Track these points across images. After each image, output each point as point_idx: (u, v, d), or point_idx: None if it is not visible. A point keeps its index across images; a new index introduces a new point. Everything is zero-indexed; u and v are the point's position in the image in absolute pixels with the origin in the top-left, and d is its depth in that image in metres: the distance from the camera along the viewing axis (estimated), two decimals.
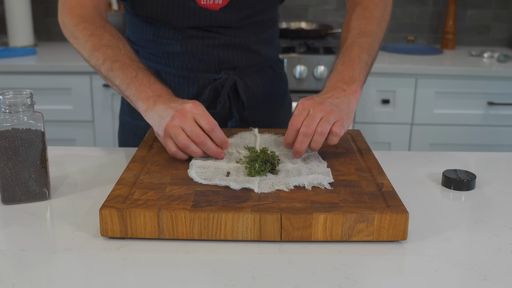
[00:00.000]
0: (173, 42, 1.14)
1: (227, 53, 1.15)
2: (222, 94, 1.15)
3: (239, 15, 1.13)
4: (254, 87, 1.21)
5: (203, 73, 1.16)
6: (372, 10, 1.10)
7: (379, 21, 1.09)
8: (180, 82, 1.17)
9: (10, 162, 0.81)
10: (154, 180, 0.82)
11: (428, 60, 2.36)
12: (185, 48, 1.13)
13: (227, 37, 1.14)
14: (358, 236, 0.73)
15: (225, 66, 1.16)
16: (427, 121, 2.28)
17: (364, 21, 1.07)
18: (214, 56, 1.14)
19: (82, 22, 1.05)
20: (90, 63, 1.05)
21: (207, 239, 0.73)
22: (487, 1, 2.71)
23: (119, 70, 0.98)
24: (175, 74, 1.17)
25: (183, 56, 1.14)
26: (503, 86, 2.25)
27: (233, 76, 1.16)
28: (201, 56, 1.14)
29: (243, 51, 1.17)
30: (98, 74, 1.05)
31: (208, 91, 1.15)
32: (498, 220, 0.81)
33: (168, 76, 1.17)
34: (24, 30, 2.44)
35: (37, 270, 0.66)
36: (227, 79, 1.15)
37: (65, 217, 0.80)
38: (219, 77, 1.16)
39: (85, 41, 1.03)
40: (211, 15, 1.11)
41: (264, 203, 0.75)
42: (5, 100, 0.80)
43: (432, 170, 1.01)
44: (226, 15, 1.11)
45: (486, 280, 0.65)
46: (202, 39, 1.13)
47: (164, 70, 1.17)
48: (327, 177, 0.82)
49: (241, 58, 1.17)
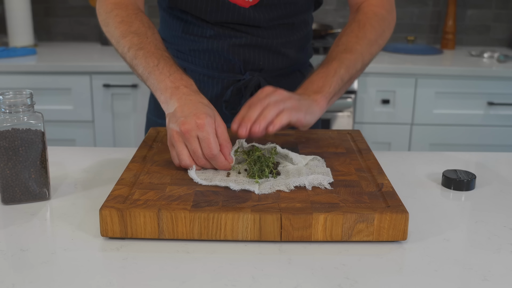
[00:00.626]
0: (200, 39, 1.13)
1: (253, 53, 1.14)
2: (245, 95, 1.13)
3: (268, 15, 1.11)
4: None
5: (227, 73, 1.15)
6: (366, 30, 1.07)
7: (370, 43, 1.07)
8: (204, 81, 1.16)
9: (10, 162, 0.81)
10: (154, 180, 0.82)
11: (428, 60, 2.36)
12: (211, 46, 1.13)
13: (254, 37, 1.12)
14: (358, 236, 0.73)
15: (250, 67, 1.15)
16: (427, 121, 2.29)
17: (354, 39, 1.05)
18: (240, 56, 1.13)
19: (114, 8, 1.04)
20: (118, 51, 1.03)
21: (207, 239, 0.73)
22: (487, 1, 2.71)
23: (142, 58, 0.96)
24: (200, 72, 1.16)
25: (209, 54, 1.14)
26: (503, 86, 2.25)
27: (257, 77, 1.14)
28: (226, 55, 1.13)
29: (270, 53, 1.15)
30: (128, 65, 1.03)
31: (230, 91, 1.14)
32: (498, 220, 0.82)
33: (193, 74, 1.16)
34: (24, 30, 2.44)
35: (37, 270, 0.66)
36: (251, 80, 1.14)
37: (65, 217, 0.80)
38: (243, 78, 1.15)
39: (115, 28, 1.02)
40: (239, 12, 1.09)
41: (264, 203, 0.75)
42: (5, 100, 0.80)
43: (432, 170, 1.01)
44: (255, 13, 1.10)
45: (486, 280, 0.65)
46: (229, 38, 1.12)
47: (189, 68, 1.17)
48: (327, 177, 0.82)
49: (267, 60, 1.15)
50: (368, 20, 1.09)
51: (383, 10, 1.12)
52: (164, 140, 1.01)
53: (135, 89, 2.21)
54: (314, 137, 1.04)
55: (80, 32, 2.70)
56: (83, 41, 2.72)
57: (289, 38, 1.16)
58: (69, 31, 2.71)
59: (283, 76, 1.19)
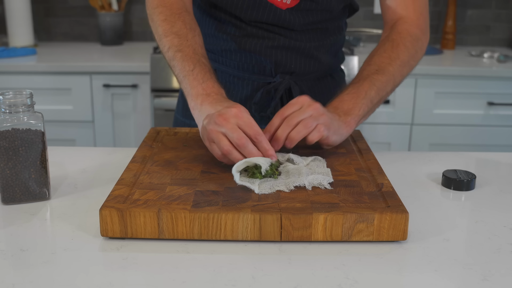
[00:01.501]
0: (233, 38, 1.12)
1: (285, 56, 1.12)
2: (274, 98, 1.12)
3: (303, 19, 1.10)
4: (311, 95, 1.17)
5: (258, 75, 1.14)
6: (400, 51, 1.06)
7: (402, 64, 1.06)
8: (234, 82, 1.16)
9: (10, 162, 0.81)
10: (154, 180, 0.82)
11: (428, 60, 2.36)
12: (243, 47, 1.12)
13: (287, 40, 1.11)
14: (358, 236, 0.73)
15: (281, 70, 1.13)
16: (427, 121, 2.29)
17: (387, 60, 1.05)
18: (271, 57, 1.12)
19: (160, 5, 1.05)
20: (159, 47, 1.04)
21: (207, 239, 0.73)
22: (487, 1, 2.71)
23: (180, 61, 0.97)
24: (230, 73, 1.16)
25: (240, 55, 1.13)
26: (503, 86, 2.25)
27: (288, 80, 1.13)
28: (257, 57, 1.12)
29: (302, 56, 1.14)
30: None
31: (260, 94, 1.13)
32: (498, 220, 0.82)
33: (224, 75, 1.16)
34: (24, 30, 2.44)
35: (37, 270, 0.66)
36: (281, 83, 1.13)
37: (65, 217, 0.80)
38: (274, 80, 1.14)
39: (158, 25, 1.03)
40: (275, 13, 1.08)
41: (264, 203, 0.75)
42: (5, 100, 0.80)
43: (432, 170, 1.01)
44: (290, 16, 1.09)
45: (486, 280, 0.65)
46: (261, 39, 1.11)
47: (220, 69, 1.16)
48: (327, 177, 0.82)
49: (299, 63, 1.14)
50: (402, 40, 1.08)
51: (418, 30, 1.11)
52: (164, 140, 1.01)
53: (135, 89, 2.21)
54: None
55: (80, 32, 2.70)
56: (83, 41, 2.72)
57: (322, 42, 1.15)
58: (69, 31, 2.71)
59: (314, 80, 1.18)
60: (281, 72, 1.14)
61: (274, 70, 1.13)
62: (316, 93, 1.18)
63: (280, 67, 1.13)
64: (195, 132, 1.06)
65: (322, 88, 1.19)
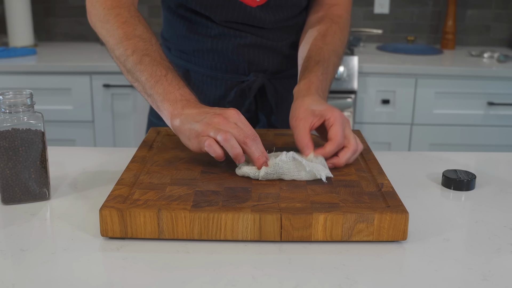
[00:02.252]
0: (204, 38, 1.13)
1: (258, 54, 1.13)
2: (248, 96, 1.13)
3: (274, 16, 1.11)
4: (285, 92, 1.18)
5: (232, 74, 1.15)
6: (345, 35, 1.13)
7: (344, 48, 1.13)
8: (208, 82, 1.16)
9: (10, 162, 0.81)
10: (154, 180, 0.82)
11: (428, 60, 2.36)
12: (215, 46, 1.12)
13: (259, 38, 1.12)
14: (358, 236, 0.73)
15: (254, 68, 1.14)
16: (427, 121, 2.29)
17: (339, 42, 1.10)
18: (244, 56, 1.13)
19: (116, 7, 1.00)
20: (114, 52, 0.98)
21: (207, 239, 0.73)
22: (487, 1, 2.71)
23: (149, 65, 0.92)
24: (203, 73, 1.16)
25: (213, 54, 1.13)
26: (503, 86, 2.25)
27: (262, 79, 1.14)
28: (231, 56, 1.12)
29: (274, 54, 1.15)
30: (118, 67, 0.99)
31: (234, 92, 1.13)
32: (498, 220, 0.82)
33: (197, 75, 1.16)
34: (24, 30, 2.44)
35: (37, 270, 0.66)
36: (255, 81, 1.13)
37: (65, 217, 0.80)
38: (247, 79, 1.14)
39: (117, 27, 0.97)
40: (245, 11, 1.09)
41: (264, 203, 0.75)
42: (5, 100, 0.80)
43: (432, 170, 1.01)
44: (261, 14, 1.10)
45: (486, 280, 0.65)
46: (233, 38, 1.12)
47: (193, 69, 1.16)
48: (326, 170, 0.83)
49: (272, 61, 1.15)
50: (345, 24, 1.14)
51: (348, 14, 1.17)
52: (164, 140, 1.01)
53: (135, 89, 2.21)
54: (314, 137, 1.04)
55: (80, 32, 2.70)
56: (83, 41, 2.72)
57: (293, 39, 1.16)
58: (69, 31, 2.71)
59: (287, 78, 1.19)
60: (254, 71, 1.14)
61: (247, 69, 1.14)
62: (289, 91, 1.18)
63: (253, 65, 1.14)
64: None
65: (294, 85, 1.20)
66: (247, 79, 1.14)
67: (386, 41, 2.78)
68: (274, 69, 1.16)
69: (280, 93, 1.18)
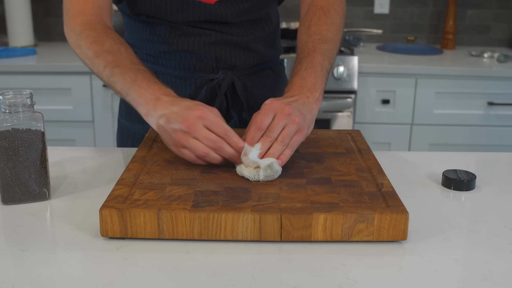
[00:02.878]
0: (169, 40, 1.12)
1: (224, 51, 1.14)
2: (219, 94, 1.13)
3: (234, 9, 1.11)
4: (254, 89, 1.19)
5: (200, 73, 1.15)
6: (333, 16, 1.09)
7: (338, 28, 1.08)
8: (177, 83, 1.16)
9: (10, 162, 0.81)
10: (154, 180, 0.82)
11: (428, 60, 2.36)
12: (181, 47, 1.12)
13: (224, 35, 1.13)
14: (358, 236, 0.73)
15: (222, 66, 1.15)
16: (427, 121, 2.29)
17: (325, 27, 1.06)
18: (211, 54, 1.13)
19: (84, 30, 1.02)
20: (93, 71, 1.02)
21: (207, 239, 0.73)
22: (487, 1, 2.71)
23: (119, 75, 0.95)
24: (172, 74, 1.16)
25: (179, 55, 1.13)
26: (503, 86, 2.25)
27: (231, 76, 1.14)
28: (197, 55, 1.13)
29: (241, 50, 1.15)
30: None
31: (205, 91, 1.13)
32: (498, 220, 0.82)
33: (165, 76, 1.16)
34: (24, 30, 2.44)
35: (37, 270, 0.66)
36: (224, 79, 1.14)
37: (65, 217, 0.80)
38: (216, 77, 1.14)
39: (87, 49, 1.00)
40: (205, 9, 1.09)
41: (264, 203, 0.75)
42: (5, 100, 0.80)
43: (432, 170, 1.01)
44: (221, 9, 1.10)
45: (486, 280, 0.65)
46: (198, 36, 1.12)
47: (161, 71, 1.16)
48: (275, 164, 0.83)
49: (239, 58, 1.15)
50: (331, 5, 1.10)
51: None
52: None
53: None
54: (314, 137, 1.04)
55: None
56: None
57: (257, 34, 1.16)
58: None
59: (255, 74, 1.19)
60: (222, 68, 1.15)
61: (216, 66, 1.14)
62: (258, 87, 1.20)
63: (221, 62, 1.14)
64: None
65: (263, 81, 1.21)
66: (216, 77, 1.14)
67: (386, 41, 2.78)
68: (242, 65, 1.16)
69: (250, 89, 1.18)
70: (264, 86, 1.21)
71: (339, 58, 2.20)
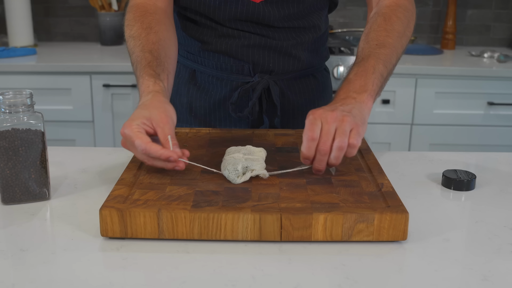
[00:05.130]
0: (209, 40, 1.12)
1: (263, 55, 1.12)
2: (252, 98, 1.12)
3: (279, 12, 1.09)
4: (292, 95, 1.16)
5: (237, 74, 1.14)
6: (394, 23, 1.03)
7: (400, 35, 1.03)
8: (213, 83, 1.15)
9: (10, 162, 0.81)
10: (154, 180, 0.82)
11: (428, 60, 2.36)
12: (219, 48, 1.12)
13: (264, 38, 1.11)
14: (358, 236, 0.73)
15: (260, 69, 1.13)
16: (427, 121, 2.28)
17: (384, 33, 1.01)
18: (249, 57, 1.11)
19: (130, 11, 1.06)
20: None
21: (207, 239, 0.73)
22: (487, 1, 2.71)
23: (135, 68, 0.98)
24: (209, 73, 1.15)
25: (217, 55, 1.13)
26: (503, 86, 2.25)
27: (267, 80, 1.12)
28: (235, 56, 1.12)
29: (280, 54, 1.13)
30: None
31: (237, 93, 1.12)
32: (498, 220, 0.82)
33: (203, 75, 1.16)
34: (24, 30, 2.44)
35: (37, 270, 0.66)
36: (259, 82, 1.12)
37: (65, 217, 0.80)
38: (252, 80, 1.13)
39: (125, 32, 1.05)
40: (249, 7, 1.07)
41: (264, 203, 0.75)
42: (5, 100, 0.80)
43: (432, 170, 1.01)
44: (265, 9, 1.08)
45: (486, 280, 0.65)
46: (237, 38, 1.11)
47: (199, 69, 1.16)
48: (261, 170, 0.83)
49: (277, 62, 1.13)
50: (393, 12, 1.05)
51: (405, 0, 1.09)
52: None
53: (135, 89, 2.21)
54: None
55: (80, 32, 2.70)
56: (83, 41, 2.72)
57: (299, 39, 1.14)
58: (69, 31, 2.70)
59: (294, 80, 1.17)
60: (259, 72, 1.13)
61: (252, 69, 1.13)
62: (296, 93, 1.17)
63: (258, 66, 1.13)
64: (195, 132, 1.06)
65: (303, 88, 1.18)
66: (252, 80, 1.13)
67: None
68: (280, 70, 1.14)
69: (287, 95, 1.16)
70: (304, 93, 1.18)
71: (339, 58, 2.20)
